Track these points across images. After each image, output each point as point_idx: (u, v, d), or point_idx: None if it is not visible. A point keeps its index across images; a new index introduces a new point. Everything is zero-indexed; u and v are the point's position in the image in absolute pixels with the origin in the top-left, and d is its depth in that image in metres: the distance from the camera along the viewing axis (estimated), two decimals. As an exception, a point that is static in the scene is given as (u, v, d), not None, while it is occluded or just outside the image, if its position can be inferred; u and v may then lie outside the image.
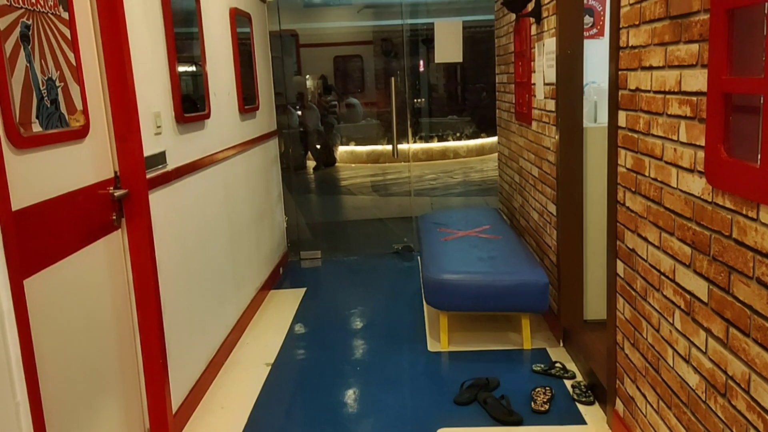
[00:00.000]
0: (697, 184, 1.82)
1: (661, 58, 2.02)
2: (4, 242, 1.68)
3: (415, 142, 10.08)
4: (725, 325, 1.69)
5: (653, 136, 2.11)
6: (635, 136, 2.27)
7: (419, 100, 11.31)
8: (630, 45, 2.28)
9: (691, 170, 1.86)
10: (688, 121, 1.85)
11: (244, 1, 4.34)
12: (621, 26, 2.36)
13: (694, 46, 1.80)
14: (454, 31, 5.00)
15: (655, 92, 2.08)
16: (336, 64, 11.06)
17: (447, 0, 10.65)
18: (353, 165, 10.04)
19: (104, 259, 2.32)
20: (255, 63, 4.61)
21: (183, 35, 3.10)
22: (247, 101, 4.26)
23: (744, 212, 1.57)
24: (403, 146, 7.66)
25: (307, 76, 10.36)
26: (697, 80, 1.79)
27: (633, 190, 2.32)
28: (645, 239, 2.23)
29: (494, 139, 6.06)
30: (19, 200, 1.79)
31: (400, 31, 8.23)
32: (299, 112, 9.06)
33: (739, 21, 1.58)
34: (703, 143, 1.77)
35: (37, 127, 1.91)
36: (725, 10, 1.59)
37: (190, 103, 3.18)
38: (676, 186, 1.96)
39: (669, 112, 1.98)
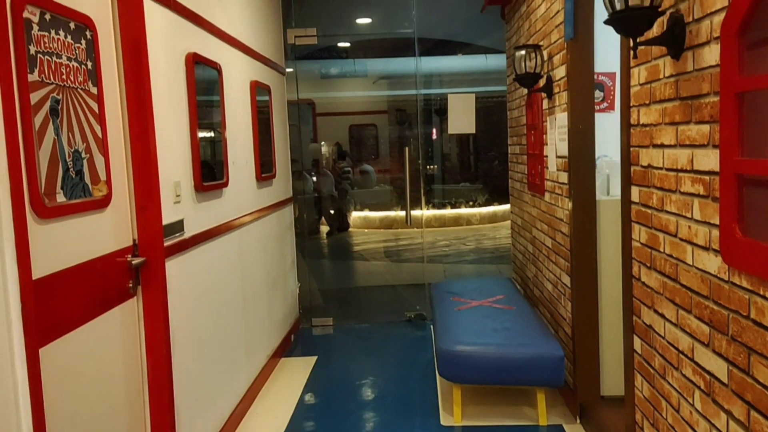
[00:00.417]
0: (713, 263, 1.82)
1: (672, 137, 2.06)
2: (23, 312, 1.70)
3: (428, 208, 10.15)
4: (746, 408, 1.65)
5: (667, 212, 2.12)
6: (649, 211, 2.28)
7: (432, 167, 11.48)
8: (641, 123, 2.32)
9: (706, 248, 1.85)
10: (702, 199, 1.87)
11: (264, 74, 4.49)
12: (631, 105, 2.41)
13: (705, 127, 1.83)
14: (467, 104, 5.12)
15: (668, 170, 2.10)
16: (351, 132, 11.31)
17: (459, 71, 10.95)
18: (366, 230, 10.09)
19: (118, 327, 2.32)
20: (273, 131, 4.72)
21: (205, 106, 3.20)
22: (265, 169, 4.34)
23: (761, 293, 1.56)
24: (416, 212, 7.72)
25: (323, 143, 10.59)
26: (710, 160, 1.81)
27: (648, 265, 2.31)
28: (662, 316, 2.20)
29: (506, 206, 6.10)
30: (39, 269, 1.82)
31: (414, 100, 8.42)
32: (314, 178, 9.21)
33: (749, 103, 1.62)
34: (717, 222, 1.77)
35: (61, 198, 1.96)
36: (735, 93, 1.63)
37: (209, 171, 3.25)
38: (691, 263, 1.96)
39: (682, 190, 2.00)
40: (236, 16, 3.84)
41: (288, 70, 5.47)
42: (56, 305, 1.92)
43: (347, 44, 8.66)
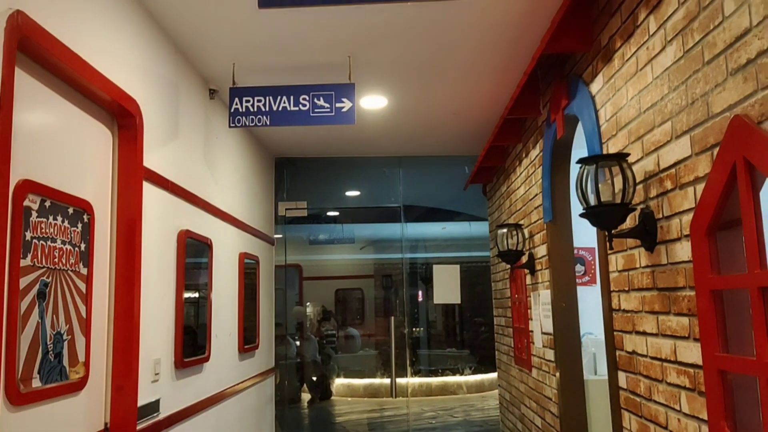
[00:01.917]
0: (707, 461, 1.76)
1: (653, 326, 2.08)
2: None
3: (413, 375, 9.89)
4: None
5: (655, 402, 2.09)
6: (637, 399, 2.24)
7: (418, 329, 11.36)
8: (622, 308, 2.36)
9: (698, 444, 1.80)
10: (688, 392, 1.85)
11: (253, 245, 4.59)
12: (612, 289, 2.47)
13: (684, 320, 1.86)
14: (451, 274, 5.20)
15: (652, 358, 2.10)
16: (337, 296, 11.32)
17: (444, 237, 11.25)
18: (350, 399, 9.72)
19: None
20: (258, 300, 4.72)
21: (192, 278, 3.22)
22: (248, 340, 4.28)
23: (760, 500, 1.49)
24: (401, 380, 7.51)
25: (308, 304, 10.54)
26: (692, 352, 1.82)
27: (641, 457, 2.23)
28: None
29: (494, 375, 5.96)
30: (2, 462, 1.72)
31: (400, 264, 8.57)
32: (297, 343, 9.03)
33: (726, 300, 1.66)
34: (706, 417, 1.74)
35: (36, 383, 1.90)
36: (710, 290, 1.68)
37: (191, 340, 3.19)
38: (685, 459, 1.89)
39: (668, 381, 1.99)
40: (229, 192, 4.01)
41: (277, 236, 5.60)
42: (15, 502, 1.79)
43: (336, 213, 8.98)
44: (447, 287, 5.23)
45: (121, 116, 2.43)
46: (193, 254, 3.23)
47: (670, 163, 1.93)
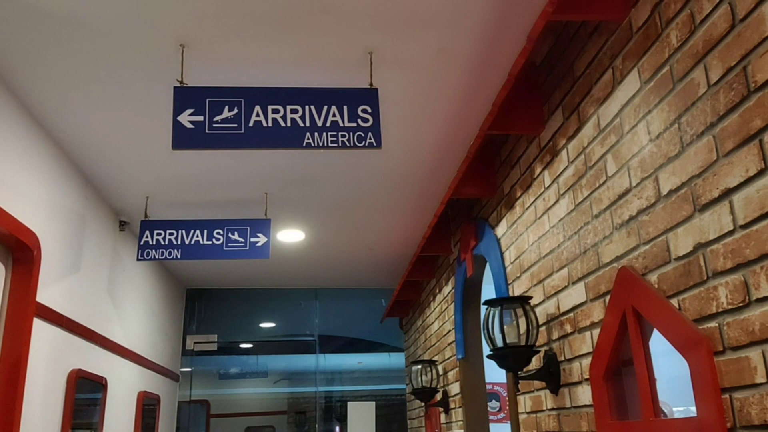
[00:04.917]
0: None
1: (563, 473, 2.06)
2: None
3: None
4: None
5: None
6: None
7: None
8: (533, 453, 2.33)
9: None
10: None
11: (155, 383, 4.31)
12: (522, 432, 2.45)
13: (591, 467, 1.86)
14: (367, 412, 5.03)
15: (563, 507, 2.06)
16: (247, 434, 10.64)
17: (362, 369, 11.00)
18: None
19: None
20: (158, 443, 4.36)
21: (82, 422, 2.96)
22: (142, 491, 3.89)
23: None
24: None
25: (215, 442, 9.80)
26: (600, 502, 1.80)
27: None
28: None
29: None
30: None
31: (314, 399, 8.28)
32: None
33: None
34: None
35: None
36: (611, 437, 1.70)
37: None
38: None
39: None
40: (134, 326, 3.81)
41: (185, 369, 5.31)
42: None
43: (249, 345, 8.68)
44: (362, 426, 5.03)
45: (17, 249, 2.31)
46: (86, 394, 2.99)
47: (569, 308, 2.01)
